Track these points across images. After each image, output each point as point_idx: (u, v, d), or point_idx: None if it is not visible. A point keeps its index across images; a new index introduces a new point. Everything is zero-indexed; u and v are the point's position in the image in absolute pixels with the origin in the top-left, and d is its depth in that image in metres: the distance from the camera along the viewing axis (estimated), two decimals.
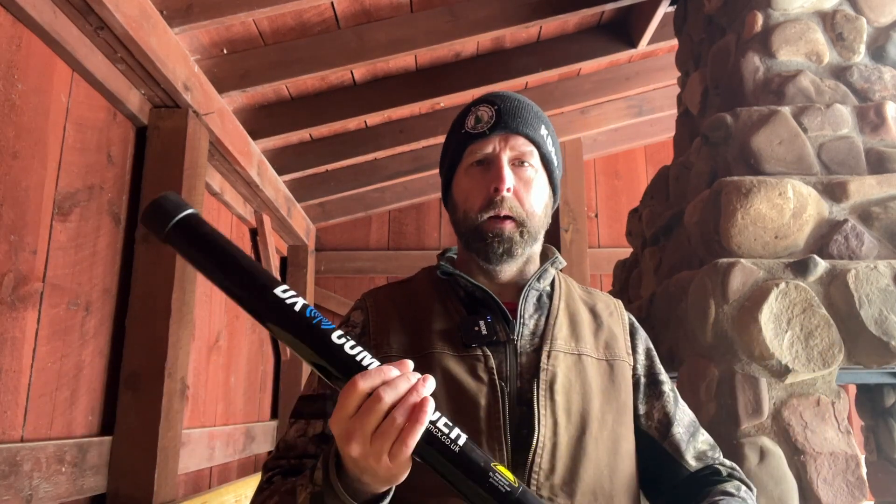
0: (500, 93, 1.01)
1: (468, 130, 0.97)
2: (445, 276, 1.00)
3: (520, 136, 0.96)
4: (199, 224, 0.70)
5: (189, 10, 2.18)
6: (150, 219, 0.70)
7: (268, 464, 0.92)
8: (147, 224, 0.71)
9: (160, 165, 2.29)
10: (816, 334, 1.79)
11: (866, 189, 1.99)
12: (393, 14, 2.71)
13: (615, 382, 0.96)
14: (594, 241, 4.60)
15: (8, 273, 1.66)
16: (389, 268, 4.52)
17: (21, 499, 1.65)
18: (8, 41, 1.66)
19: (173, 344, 2.18)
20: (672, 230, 2.50)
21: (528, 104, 0.99)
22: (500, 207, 0.93)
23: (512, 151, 0.95)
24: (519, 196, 0.95)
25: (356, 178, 4.02)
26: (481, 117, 0.96)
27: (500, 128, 0.95)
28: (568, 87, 3.69)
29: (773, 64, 2.27)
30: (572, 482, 0.86)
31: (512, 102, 0.98)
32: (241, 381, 3.48)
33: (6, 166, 1.65)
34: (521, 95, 1.02)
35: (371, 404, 0.63)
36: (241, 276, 0.68)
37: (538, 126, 0.98)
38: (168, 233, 0.69)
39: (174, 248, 0.70)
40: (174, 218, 0.69)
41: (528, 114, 0.97)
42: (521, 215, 0.94)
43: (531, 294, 0.98)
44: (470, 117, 0.98)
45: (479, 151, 0.96)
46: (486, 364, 0.90)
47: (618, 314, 1.05)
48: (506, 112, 0.96)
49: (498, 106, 0.96)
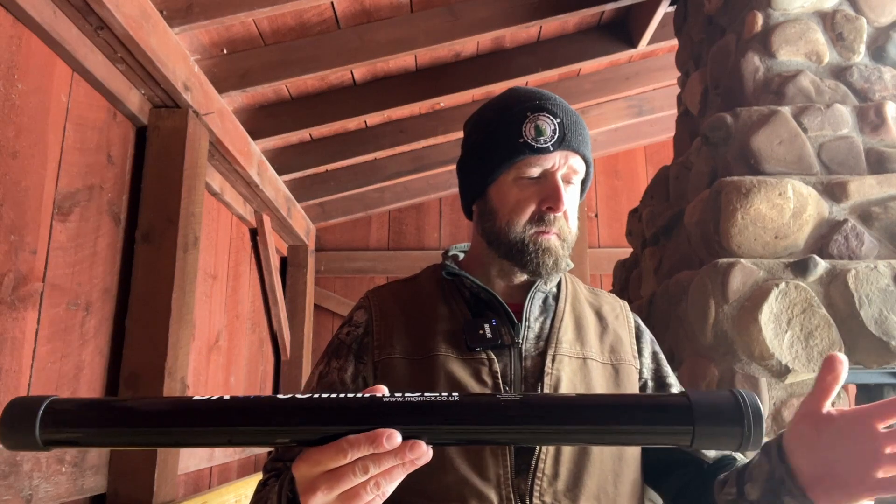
0: (556, 100, 0.95)
1: (527, 141, 0.91)
2: (450, 276, 0.99)
3: (578, 155, 0.94)
4: (74, 401, 0.61)
5: (189, 10, 2.18)
6: (12, 432, 0.60)
7: (266, 465, 0.92)
8: (12, 440, 0.60)
9: (160, 165, 2.29)
10: (816, 334, 1.79)
11: (866, 189, 1.99)
12: (393, 14, 2.71)
13: (620, 387, 0.95)
14: (594, 241, 4.60)
15: (8, 273, 1.66)
16: (389, 268, 4.52)
17: (21, 499, 1.65)
18: (8, 41, 1.66)
19: (173, 344, 2.18)
20: (672, 230, 2.50)
21: (581, 119, 0.96)
22: (551, 226, 0.92)
23: (568, 170, 0.93)
24: (566, 215, 0.94)
25: (356, 178, 4.03)
26: (543, 129, 0.91)
27: (564, 145, 0.92)
28: (568, 87, 3.69)
29: (773, 64, 2.27)
30: (576, 488, 0.86)
31: (571, 117, 0.94)
32: (241, 381, 3.48)
33: (6, 166, 1.65)
34: (568, 104, 0.98)
35: (350, 472, 0.58)
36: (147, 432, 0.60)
37: (590, 143, 0.97)
38: (42, 427, 0.59)
39: (64, 444, 0.61)
40: (39, 413, 0.59)
41: (584, 130, 0.95)
42: (565, 232, 0.94)
43: (537, 296, 0.98)
44: (528, 126, 0.91)
45: (538, 165, 0.92)
46: (490, 368, 0.89)
47: (624, 317, 1.05)
48: (569, 128, 0.92)
49: (560, 119, 0.92)
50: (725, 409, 0.59)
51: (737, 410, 0.59)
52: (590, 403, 0.62)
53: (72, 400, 0.62)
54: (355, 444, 0.57)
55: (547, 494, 0.84)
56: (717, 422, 0.59)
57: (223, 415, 0.59)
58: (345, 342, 0.97)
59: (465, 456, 0.85)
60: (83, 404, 0.62)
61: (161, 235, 2.23)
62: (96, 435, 0.61)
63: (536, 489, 0.84)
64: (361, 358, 0.95)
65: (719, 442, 0.60)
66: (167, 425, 0.59)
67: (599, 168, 4.73)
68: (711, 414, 0.59)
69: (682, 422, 0.59)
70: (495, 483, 0.84)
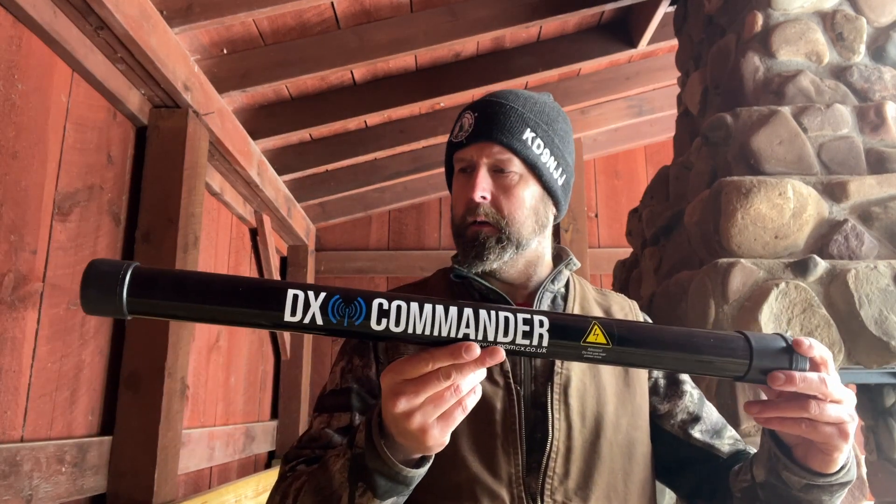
0: (489, 97, 1.00)
1: (451, 139, 1.00)
2: (459, 279, 1.00)
3: (495, 145, 0.95)
4: (157, 271, 0.61)
5: (189, 10, 2.18)
6: (95, 294, 0.59)
7: (289, 454, 0.91)
8: (94, 304, 0.59)
9: (160, 165, 2.29)
10: (816, 334, 1.79)
11: (866, 189, 1.99)
12: (393, 14, 2.71)
13: (630, 386, 0.96)
14: (594, 241, 4.60)
15: (8, 273, 1.66)
16: (389, 268, 4.52)
17: (21, 499, 1.65)
18: (8, 41, 1.66)
19: (173, 344, 2.18)
20: (672, 230, 2.50)
21: (512, 109, 0.96)
22: (476, 214, 0.95)
23: (488, 159, 0.95)
24: (497, 203, 0.95)
25: (356, 178, 4.02)
26: (463, 125, 0.98)
27: (476, 136, 0.95)
28: (568, 87, 3.69)
29: (773, 64, 2.27)
30: (586, 486, 0.86)
31: (493, 108, 0.96)
32: (241, 381, 3.48)
33: (6, 166, 1.65)
34: (519, 95, 0.99)
35: (433, 378, 0.63)
36: (243, 311, 0.61)
37: (520, 131, 0.95)
38: (130, 295, 0.59)
39: (146, 313, 0.61)
40: (125, 280, 0.58)
41: (508, 119, 0.95)
42: (498, 222, 0.95)
43: (545, 296, 0.99)
44: (456, 125, 0.99)
45: (462, 160, 0.98)
46: (501, 367, 0.90)
47: (633, 316, 1.06)
48: (483, 120, 0.96)
49: (478, 113, 0.96)
50: (776, 349, 0.70)
51: (785, 350, 0.70)
52: (673, 335, 0.69)
53: (155, 269, 0.62)
54: (437, 355, 0.63)
55: (558, 493, 0.85)
56: (768, 359, 0.69)
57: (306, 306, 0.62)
58: (364, 340, 0.98)
59: (477, 455, 0.86)
60: (172, 276, 0.61)
61: (161, 235, 2.23)
62: (183, 309, 0.60)
63: (547, 488, 0.85)
64: (378, 357, 0.96)
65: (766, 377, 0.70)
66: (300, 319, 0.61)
67: (599, 168, 4.73)
68: (765, 353, 0.69)
69: (742, 356, 0.69)
70: (507, 481, 0.85)
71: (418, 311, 0.63)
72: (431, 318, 0.63)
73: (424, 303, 0.64)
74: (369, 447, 0.70)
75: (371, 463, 0.70)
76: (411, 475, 0.70)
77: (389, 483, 0.70)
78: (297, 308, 0.61)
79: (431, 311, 0.63)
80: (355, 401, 0.93)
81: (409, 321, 0.63)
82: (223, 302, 0.61)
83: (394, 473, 0.69)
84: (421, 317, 0.63)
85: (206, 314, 0.61)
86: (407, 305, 0.63)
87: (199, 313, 0.61)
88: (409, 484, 0.71)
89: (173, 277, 0.61)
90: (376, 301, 0.63)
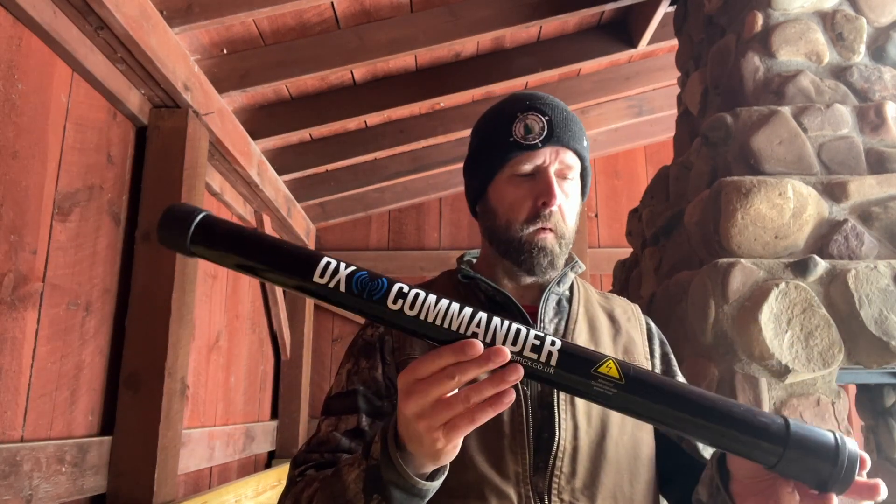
0: (548, 100, 0.98)
1: (517, 139, 0.94)
2: (466, 279, 1.01)
3: (569, 151, 0.95)
4: (219, 223, 0.70)
5: (189, 10, 2.18)
6: (167, 234, 0.70)
7: (298, 458, 0.91)
8: (167, 241, 0.70)
9: (160, 165, 2.29)
10: (816, 334, 1.79)
11: (866, 189, 1.99)
12: (393, 14, 2.71)
13: None
14: (594, 241, 4.60)
15: (8, 273, 1.66)
16: (389, 268, 4.51)
17: (21, 499, 1.65)
18: (8, 41, 1.66)
19: (173, 344, 2.18)
20: (672, 230, 2.50)
21: (575, 116, 0.98)
22: (547, 221, 0.93)
23: (560, 165, 0.95)
24: (562, 210, 0.95)
25: (356, 178, 4.02)
26: (531, 127, 0.94)
27: (553, 141, 0.94)
28: (568, 87, 3.69)
29: (773, 64, 2.27)
30: (593, 486, 0.87)
31: (561, 114, 0.96)
32: (241, 381, 3.48)
33: (6, 166, 1.65)
34: (563, 103, 1.00)
35: (439, 379, 0.63)
36: (281, 266, 0.68)
37: (583, 139, 0.98)
38: (192, 240, 0.69)
39: (204, 257, 0.71)
40: (192, 226, 0.69)
41: (576, 126, 0.97)
42: (562, 229, 0.95)
43: (551, 298, 0.99)
44: (518, 125, 0.94)
45: (528, 163, 0.94)
46: None
47: (636, 319, 1.07)
48: (557, 124, 0.94)
49: (549, 117, 0.95)
50: (820, 444, 0.62)
51: (832, 449, 0.62)
52: (697, 395, 0.64)
53: (220, 220, 0.70)
54: (443, 353, 0.63)
55: (565, 492, 0.86)
56: (808, 453, 0.62)
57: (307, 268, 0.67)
58: (370, 342, 0.98)
59: (485, 454, 0.87)
60: (231, 230, 0.70)
61: None
62: (235, 259, 0.69)
63: (554, 487, 0.86)
64: (385, 358, 0.96)
65: (804, 474, 0.63)
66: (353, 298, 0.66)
67: (599, 168, 4.73)
68: (805, 444, 0.62)
69: (776, 441, 0.62)
70: (514, 481, 0.85)
71: (434, 302, 0.65)
72: (445, 311, 0.65)
73: (442, 297, 0.66)
74: (385, 459, 0.70)
75: (387, 475, 0.70)
76: (426, 488, 0.71)
77: (405, 495, 0.70)
78: (326, 272, 0.66)
79: (447, 305, 0.65)
80: (362, 402, 0.93)
81: (423, 308, 0.65)
82: (266, 255, 0.68)
83: (409, 486, 0.69)
84: (435, 307, 0.65)
85: (250, 262, 0.69)
86: (425, 295, 0.66)
87: (246, 261, 0.69)
88: (423, 497, 0.71)
89: (231, 229, 0.70)
90: (398, 284, 0.67)
